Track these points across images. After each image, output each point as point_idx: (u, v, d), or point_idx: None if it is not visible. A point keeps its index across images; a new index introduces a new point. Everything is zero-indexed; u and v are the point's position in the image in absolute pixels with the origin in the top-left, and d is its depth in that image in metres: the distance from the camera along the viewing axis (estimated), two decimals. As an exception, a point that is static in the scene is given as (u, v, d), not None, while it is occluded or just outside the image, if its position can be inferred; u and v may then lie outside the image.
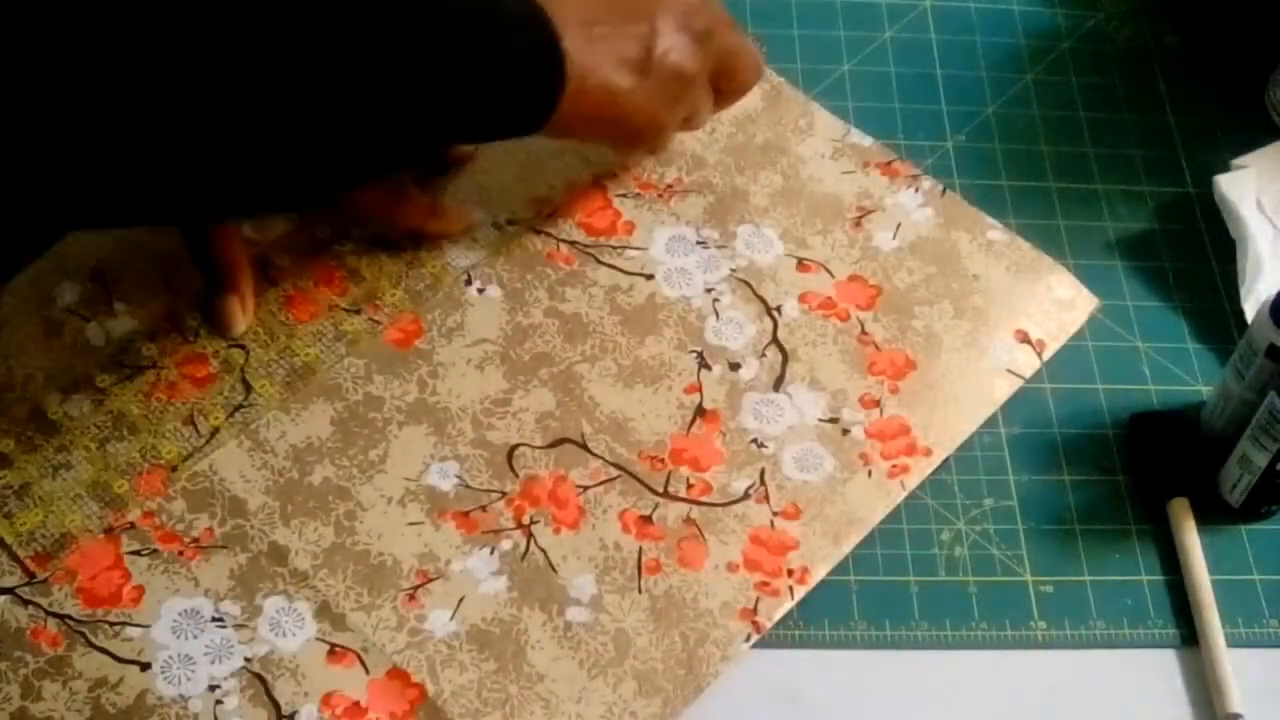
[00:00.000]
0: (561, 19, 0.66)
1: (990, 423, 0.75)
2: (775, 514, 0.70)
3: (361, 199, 0.75)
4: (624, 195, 0.80)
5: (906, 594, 0.70)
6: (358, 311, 0.75)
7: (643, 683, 0.66)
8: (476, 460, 0.71)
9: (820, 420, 0.73)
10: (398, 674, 0.65)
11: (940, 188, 0.82)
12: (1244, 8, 0.90)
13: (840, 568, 0.70)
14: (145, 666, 0.65)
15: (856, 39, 0.90)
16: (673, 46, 0.70)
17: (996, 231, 0.80)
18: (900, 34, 0.91)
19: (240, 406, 0.72)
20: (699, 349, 0.75)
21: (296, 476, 0.70)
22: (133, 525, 0.68)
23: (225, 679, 0.65)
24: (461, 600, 0.67)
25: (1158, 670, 0.69)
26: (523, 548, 0.69)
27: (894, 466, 0.72)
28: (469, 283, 0.77)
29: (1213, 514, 0.73)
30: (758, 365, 0.75)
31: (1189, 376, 0.78)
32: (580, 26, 0.67)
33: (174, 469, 0.70)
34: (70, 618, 0.66)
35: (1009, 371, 0.76)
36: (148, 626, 0.66)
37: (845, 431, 0.73)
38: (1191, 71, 0.91)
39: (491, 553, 0.69)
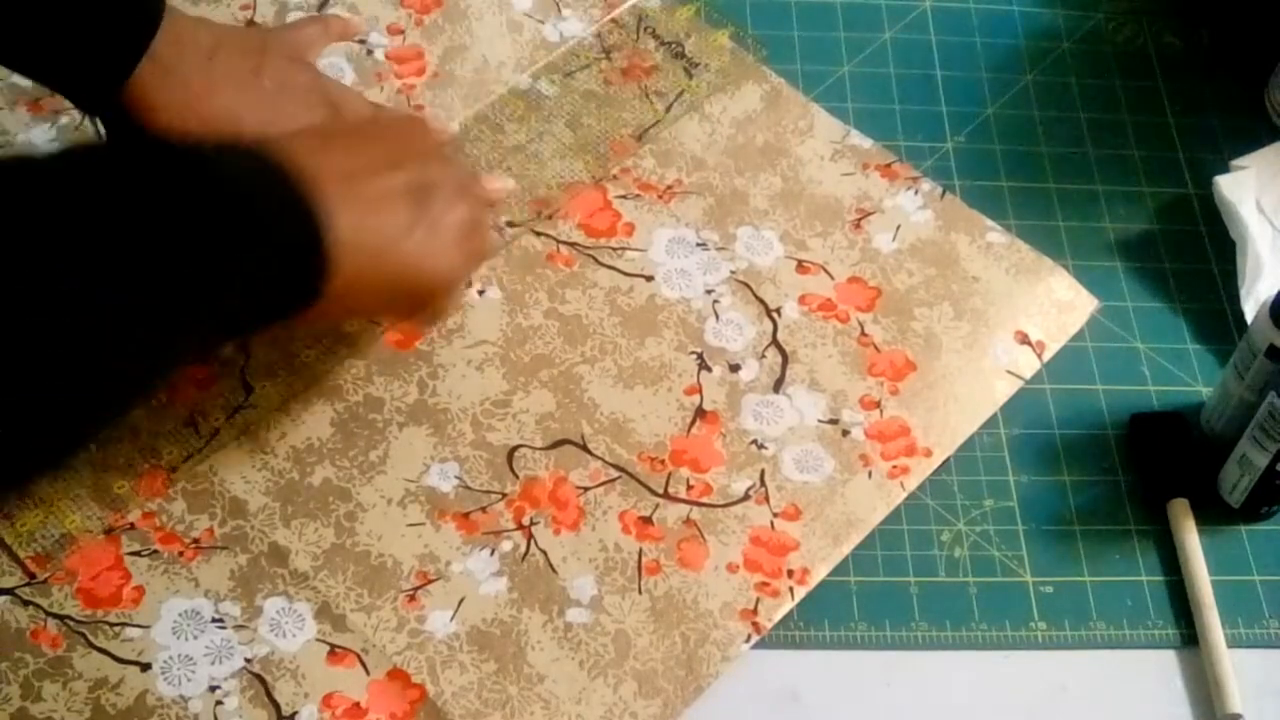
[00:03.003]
0: (320, 176, 0.58)
1: (990, 423, 0.75)
2: (775, 515, 0.70)
3: None
4: (624, 197, 0.80)
5: (906, 594, 0.70)
6: (358, 313, 0.75)
7: (643, 683, 0.66)
8: (476, 461, 0.71)
9: (820, 421, 0.73)
10: (398, 675, 0.65)
11: (940, 190, 0.82)
12: (1243, 8, 0.90)
13: (840, 568, 0.70)
14: (145, 667, 0.65)
15: (856, 40, 0.90)
16: (444, 190, 0.64)
17: (996, 233, 0.80)
18: (900, 35, 0.91)
19: (240, 408, 0.72)
20: (699, 350, 0.75)
21: (297, 477, 0.70)
22: (133, 526, 0.68)
23: (225, 679, 0.65)
24: (462, 601, 0.67)
25: (1158, 670, 0.69)
26: (523, 549, 0.69)
27: (894, 467, 0.72)
28: (469, 284, 0.77)
29: (1213, 514, 0.73)
30: (758, 367, 0.75)
31: (1189, 377, 0.78)
32: (340, 182, 0.59)
33: (174, 470, 0.70)
34: (70, 618, 0.66)
35: (1009, 372, 0.76)
36: (148, 627, 0.66)
37: (845, 433, 0.73)
38: (1191, 71, 0.91)
39: (491, 554, 0.69)
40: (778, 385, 0.74)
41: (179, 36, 0.67)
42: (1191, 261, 0.83)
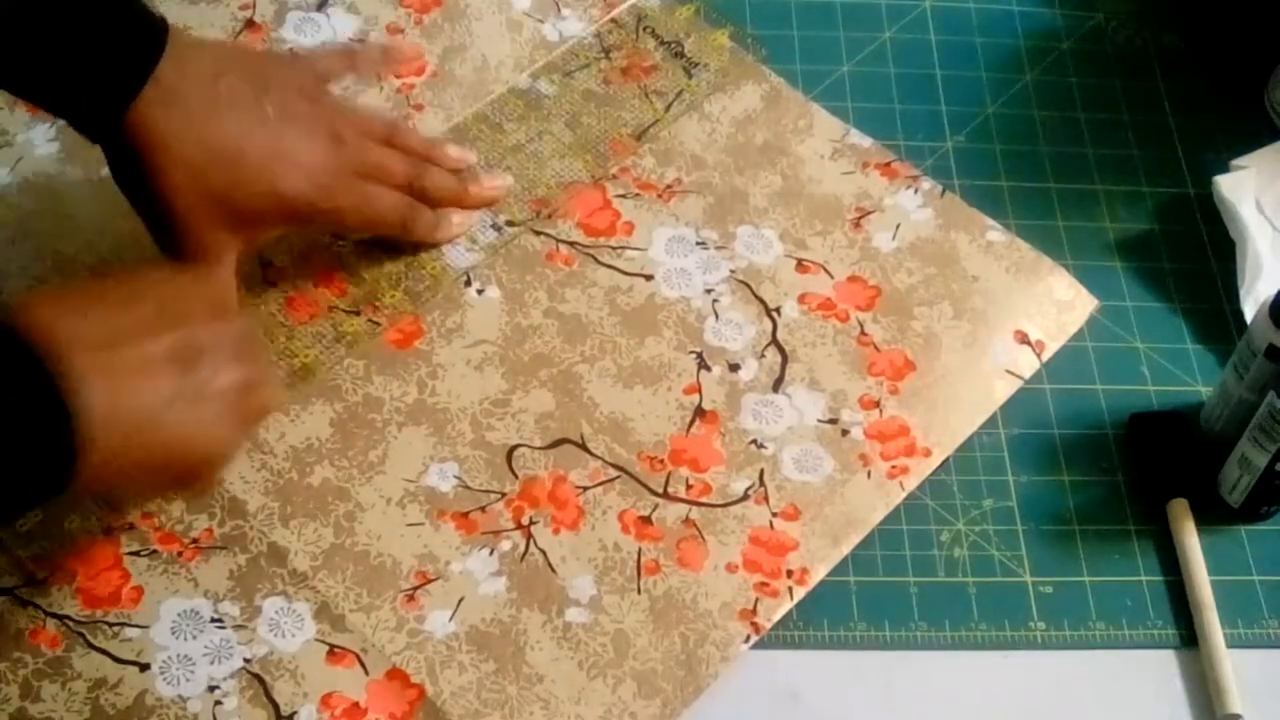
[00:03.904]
0: (67, 344, 0.54)
1: (990, 423, 0.75)
2: (774, 515, 0.70)
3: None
4: (624, 196, 0.80)
5: (906, 594, 0.70)
6: (357, 312, 0.75)
7: (642, 683, 0.66)
8: (476, 461, 0.71)
9: (820, 421, 0.73)
10: (397, 675, 0.65)
11: (939, 189, 0.82)
12: (1243, 8, 0.90)
13: (840, 568, 0.70)
14: (144, 667, 0.65)
15: (856, 40, 0.90)
16: (215, 353, 0.60)
17: (996, 232, 0.80)
18: (900, 35, 0.91)
19: (240, 407, 0.72)
20: (698, 350, 0.75)
21: (296, 477, 0.70)
22: (132, 526, 0.68)
23: (224, 680, 0.65)
24: (461, 601, 0.67)
25: (1158, 671, 0.69)
26: (522, 548, 0.69)
27: (893, 467, 0.72)
28: (468, 284, 0.77)
29: (1213, 514, 0.73)
30: (757, 366, 0.75)
31: (1189, 376, 0.78)
32: (95, 352, 0.55)
33: (173, 470, 0.70)
34: (69, 618, 0.66)
35: (1008, 372, 0.76)
36: (147, 627, 0.66)
37: (845, 432, 0.73)
38: (1191, 71, 0.91)
39: (491, 553, 0.69)
40: (777, 385, 0.74)
41: (182, 61, 0.66)
42: (1191, 261, 0.83)
